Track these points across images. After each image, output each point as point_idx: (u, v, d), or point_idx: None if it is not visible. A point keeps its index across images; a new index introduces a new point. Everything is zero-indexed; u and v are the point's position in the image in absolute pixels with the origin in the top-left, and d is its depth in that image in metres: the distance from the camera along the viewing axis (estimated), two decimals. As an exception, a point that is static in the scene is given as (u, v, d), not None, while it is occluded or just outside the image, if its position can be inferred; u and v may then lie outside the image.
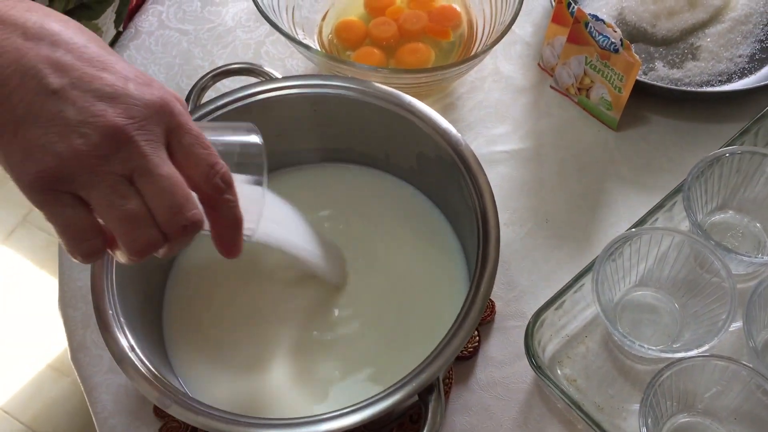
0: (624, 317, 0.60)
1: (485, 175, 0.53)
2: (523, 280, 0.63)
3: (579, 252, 0.64)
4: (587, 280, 0.58)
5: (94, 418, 0.60)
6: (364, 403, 0.45)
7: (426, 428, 0.45)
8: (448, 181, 0.56)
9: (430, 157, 0.57)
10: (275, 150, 0.63)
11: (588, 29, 0.64)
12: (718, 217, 0.63)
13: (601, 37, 0.64)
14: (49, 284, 1.48)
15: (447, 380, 0.57)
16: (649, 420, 0.51)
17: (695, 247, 0.56)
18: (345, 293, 0.58)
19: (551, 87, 0.73)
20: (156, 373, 0.47)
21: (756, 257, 0.56)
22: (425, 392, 0.46)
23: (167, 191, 0.38)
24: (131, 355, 0.48)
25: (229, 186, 0.41)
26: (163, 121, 0.39)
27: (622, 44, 0.62)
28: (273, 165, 0.64)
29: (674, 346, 0.56)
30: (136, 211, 0.38)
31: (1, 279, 1.53)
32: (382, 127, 0.58)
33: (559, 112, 0.72)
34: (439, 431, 0.46)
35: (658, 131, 0.70)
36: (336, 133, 0.62)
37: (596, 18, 0.63)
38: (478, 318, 0.47)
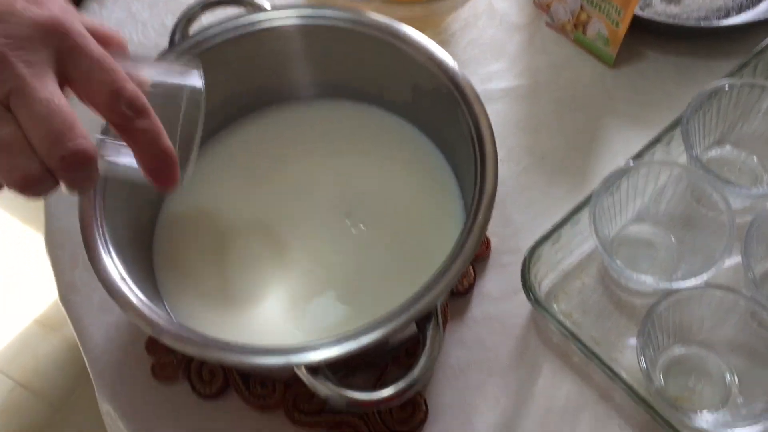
0: (620, 252, 0.59)
1: (482, 104, 0.51)
2: (519, 217, 0.63)
3: (575, 188, 0.63)
4: (584, 214, 0.57)
5: (85, 358, 0.59)
6: (361, 331, 0.44)
7: (424, 356, 0.44)
8: (444, 113, 0.55)
9: (426, 88, 0.56)
10: (266, 85, 0.62)
11: None
12: (715, 152, 0.62)
13: None
14: (35, 240, 1.46)
15: (442, 315, 0.56)
16: (647, 351, 0.51)
17: (693, 181, 0.56)
18: (340, 228, 0.57)
19: (546, 24, 0.72)
20: (147, 302, 0.46)
21: (754, 189, 0.55)
22: (423, 320, 0.45)
23: (44, 117, 0.34)
24: (121, 284, 0.47)
25: (140, 112, 0.37)
26: (52, 43, 0.36)
27: None
28: (265, 101, 0.63)
29: (672, 277, 0.56)
30: (8, 138, 0.34)
31: (-15, 235, 1.51)
32: (376, 58, 0.57)
33: (554, 50, 0.71)
34: (436, 360, 0.45)
35: (656, 67, 0.69)
36: (329, 67, 0.60)
37: None
38: (478, 243, 0.46)
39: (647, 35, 0.69)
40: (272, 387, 0.56)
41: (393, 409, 0.55)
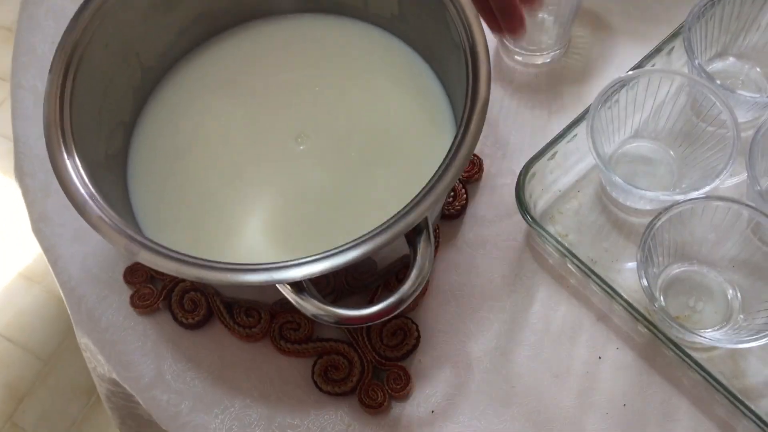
0: (618, 170, 0.57)
1: (473, 8, 0.48)
2: (511, 138, 0.60)
3: (571, 105, 0.60)
4: (581, 129, 0.54)
5: (60, 290, 0.57)
6: (348, 246, 0.42)
7: (414, 270, 0.42)
8: (433, 21, 0.52)
9: (413, -3, 0.53)
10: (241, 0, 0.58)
11: None
12: (718, 64, 0.59)
13: None
14: (14, 191, 1.43)
15: (434, 235, 0.54)
16: (648, 268, 0.49)
17: (696, 90, 0.53)
18: (324, 145, 0.54)
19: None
20: (120, 220, 0.44)
21: (759, 97, 0.53)
22: (413, 234, 0.43)
23: None
24: (93, 203, 0.44)
25: None
26: None
27: None
28: (245, 15, 0.59)
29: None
30: None
31: (-37, 188, 1.47)
32: (359, -35, 0.54)
33: (548, -36, 0.67)
34: (427, 277, 0.43)
35: (654, -19, 0.66)
36: (310, -22, 0.57)
37: None
38: (471, 150, 0.43)
39: (645, -53, 0.66)
40: (257, 316, 0.54)
41: (384, 334, 0.53)
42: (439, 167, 0.44)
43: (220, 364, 0.53)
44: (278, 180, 0.54)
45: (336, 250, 0.42)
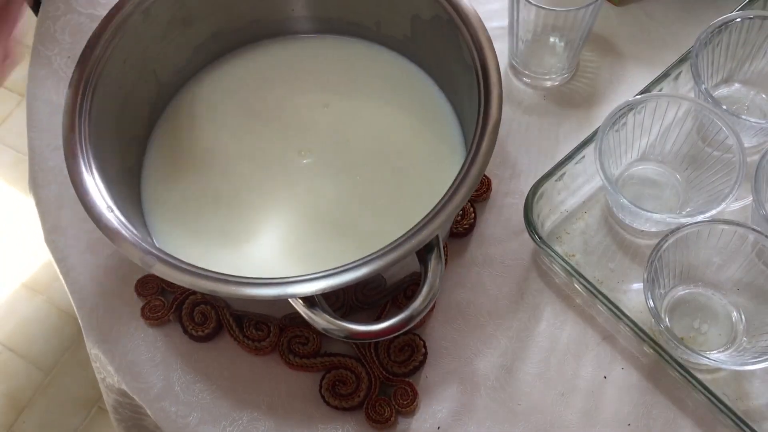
0: (625, 192, 0.57)
1: (486, 30, 0.49)
2: (519, 158, 0.61)
3: (578, 128, 0.61)
4: (588, 151, 0.55)
5: (72, 301, 0.57)
6: (363, 260, 0.43)
7: (425, 287, 0.43)
8: (444, 44, 0.53)
9: (426, 19, 0.54)
10: (259, 19, 0.59)
11: None
12: (723, 90, 0.60)
13: None
14: (20, 202, 1.43)
15: (444, 251, 0.55)
16: (654, 289, 0.49)
17: (702, 115, 0.54)
18: (335, 164, 0.55)
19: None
20: (136, 233, 0.44)
21: (765, 123, 0.54)
22: (424, 250, 0.44)
23: None
24: (110, 216, 0.45)
25: None
26: None
27: None
28: (259, 34, 0.60)
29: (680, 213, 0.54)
30: None
31: (-30, 198, 1.48)
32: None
33: (557, -11, 0.68)
34: (438, 294, 0.44)
35: (661, 7, 0.67)
36: (325, 1, 0.58)
37: None
38: (483, 169, 0.44)
39: (653, -26, 0.67)
40: (266, 330, 0.54)
41: (391, 350, 0.53)
42: (451, 186, 0.45)
43: (229, 376, 0.54)
44: (288, 195, 0.55)
45: (349, 266, 0.42)
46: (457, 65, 0.52)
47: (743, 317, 0.52)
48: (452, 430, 0.51)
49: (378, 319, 0.54)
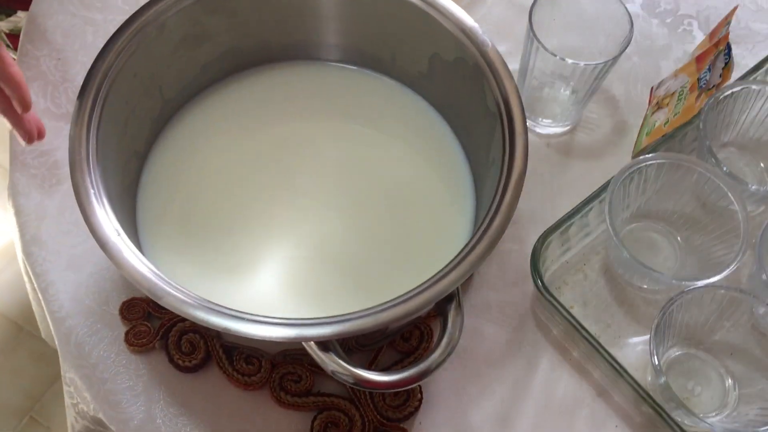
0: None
1: (513, 79, 0.49)
2: (520, 206, 0.60)
3: (579, 179, 0.61)
4: (594, 205, 0.56)
5: (49, 318, 0.54)
6: (380, 308, 0.41)
7: (445, 339, 0.42)
8: (463, 87, 0.52)
9: (447, 59, 0.53)
10: (272, 41, 0.57)
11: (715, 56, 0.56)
12: (720, 155, 0.61)
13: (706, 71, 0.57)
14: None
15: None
16: (659, 348, 0.50)
17: (705, 179, 0.55)
18: (336, 199, 0.54)
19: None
20: (146, 260, 0.42)
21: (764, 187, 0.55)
22: (444, 301, 0.43)
23: None
24: (117, 240, 0.42)
25: None
26: None
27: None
28: (270, 56, 0.59)
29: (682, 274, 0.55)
30: None
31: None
32: (397, 22, 0.53)
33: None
34: (456, 345, 0.43)
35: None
36: (342, 26, 0.56)
37: (729, 50, 0.56)
38: (507, 221, 0.44)
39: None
40: (258, 364, 0.52)
41: (387, 394, 0.52)
42: (474, 235, 0.44)
43: (215, 411, 0.51)
44: (288, 226, 0.53)
45: (371, 311, 0.41)
46: (476, 108, 0.52)
47: (736, 385, 0.53)
48: (446, 481, 0.50)
49: (373, 361, 0.53)
